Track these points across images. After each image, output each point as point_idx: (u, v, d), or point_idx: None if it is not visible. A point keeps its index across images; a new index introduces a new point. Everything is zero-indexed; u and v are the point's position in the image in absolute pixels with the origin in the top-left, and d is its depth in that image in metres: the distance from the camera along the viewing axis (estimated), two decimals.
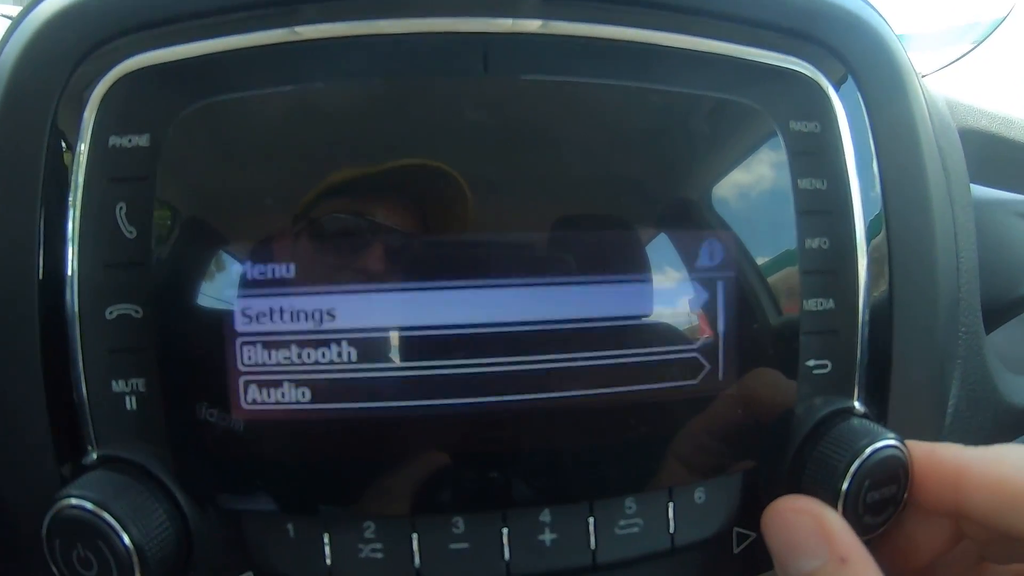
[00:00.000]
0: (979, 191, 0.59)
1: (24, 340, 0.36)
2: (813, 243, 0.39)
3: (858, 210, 0.40)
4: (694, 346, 0.37)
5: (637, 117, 0.39)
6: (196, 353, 0.35)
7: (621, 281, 0.37)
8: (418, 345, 0.35)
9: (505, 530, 0.38)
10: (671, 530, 0.38)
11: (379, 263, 0.35)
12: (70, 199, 0.35)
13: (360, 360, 0.34)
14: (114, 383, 0.36)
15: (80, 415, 0.35)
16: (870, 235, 0.40)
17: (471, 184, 0.35)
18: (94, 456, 0.36)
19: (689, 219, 0.39)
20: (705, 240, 0.38)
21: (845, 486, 0.35)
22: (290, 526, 0.36)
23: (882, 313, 0.40)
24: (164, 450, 0.36)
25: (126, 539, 0.32)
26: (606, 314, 0.37)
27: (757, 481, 0.39)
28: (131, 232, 0.36)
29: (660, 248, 0.38)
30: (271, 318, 0.34)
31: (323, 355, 0.35)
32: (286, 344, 0.34)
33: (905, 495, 0.37)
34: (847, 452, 0.36)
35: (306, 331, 0.34)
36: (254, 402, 0.35)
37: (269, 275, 0.34)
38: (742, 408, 0.38)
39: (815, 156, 0.40)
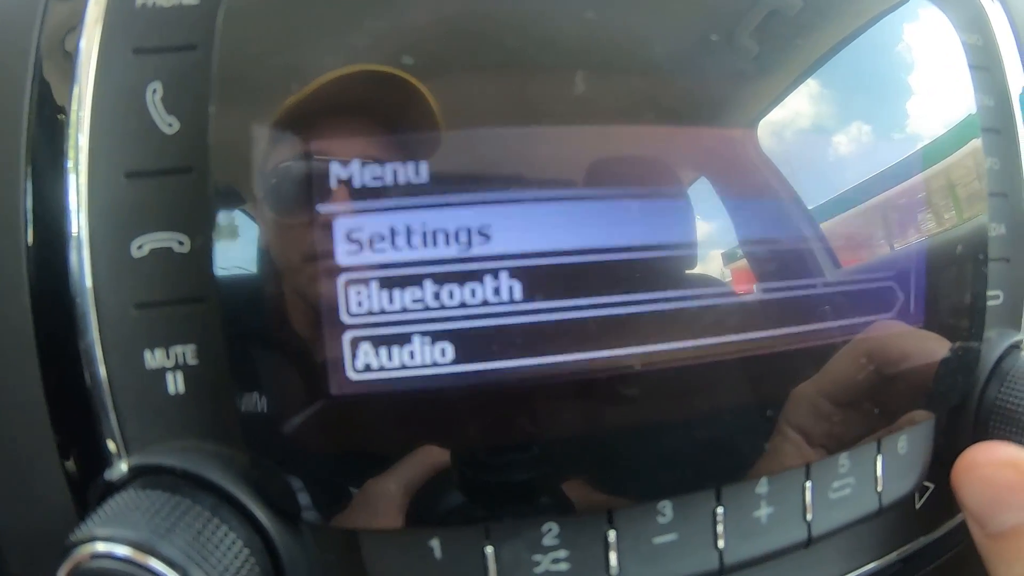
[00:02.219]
0: None
1: (8, 296, 0.23)
2: (987, 163, 0.35)
3: (1021, 130, 0.36)
4: (891, 273, 0.29)
5: None
6: (275, 302, 0.23)
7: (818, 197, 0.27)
8: (614, 274, 0.23)
9: (720, 510, 0.26)
10: (879, 488, 0.31)
11: (557, 162, 0.23)
12: (79, 74, 0.22)
13: (528, 298, 0.23)
14: (148, 355, 0.23)
15: (98, 406, 0.22)
16: None
17: None
18: (123, 468, 0.22)
19: (887, 133, 0.30)
20: (903, 154, 0.30)
21: None
22: (435, 543, 0.24)
23: None
24: (231, 450, 0.22)
25: None
26: (807, 234, 0.27)
27: (939, 426, 0.34)
28: (171, 125, 0.23)
29: (858, 160, 0.29)
30: (392, 242, 0.22)
31: (473, 294, 0.22)
32: (416, 280, 0.22)
33: None
34: None
35: (448, 259, 0.22)
36: (368, 368, 0.22)
37: (389, 179, 0.22)
38: (931, 345, 0.31)
39: (984, 71, 0.36)
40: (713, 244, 0.25)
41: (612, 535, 0.25)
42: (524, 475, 0.23)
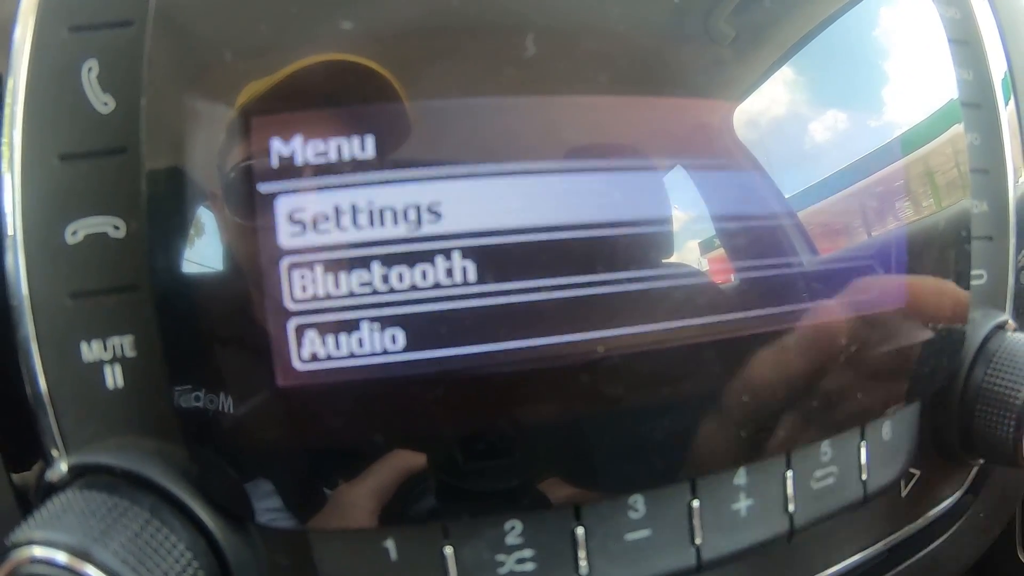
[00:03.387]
0: None
1: None
2: (968, 138, 0.33)
3: (1001, 105, 0.35)
4: (871, 252, 0.27)
5: None
6: (215, 288, 0.21)
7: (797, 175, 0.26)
8: (573, 254, 0.21)
9: (696, 503, 0.25)
10: (864, 476, 0.29)
11: (512, 135, 0.21)
12: (13, 53, 0.21)
13: (482, 280, 0.21)
14: (84, 347, 0.21)
15: (35, 403, 0.21)
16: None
17: None
18: (63, 468, 0.21)
19: (866, 118, 0.28)
20: (883, 138, 0.28)
21: None
22: (390, 544, 0.22)
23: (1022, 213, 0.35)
24: (173, 447, 0.21)
25: None
26: (783, 215, 0.25)
27: (923, 411, 0.32)
28: (106, 104, 0.22)
29: (838, 144, 0.27)
30: (337, 222, 0.20)
31: (423, 276, 0.21)
32: (363, 263, 0.21)
33: None
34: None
35: (396, 239, 0.21)
36: (314, 357, 0.20)
37: (333, 155, 0.21)
38: (916, 325, 0.29)
39: (963, 45, 0.34)
40: (680, 222, 0.23)
41: (580, 532, 0.23)
42: (483, 469, 0.21)
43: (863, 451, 0.29)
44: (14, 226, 0.21)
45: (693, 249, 0.24)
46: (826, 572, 0.30)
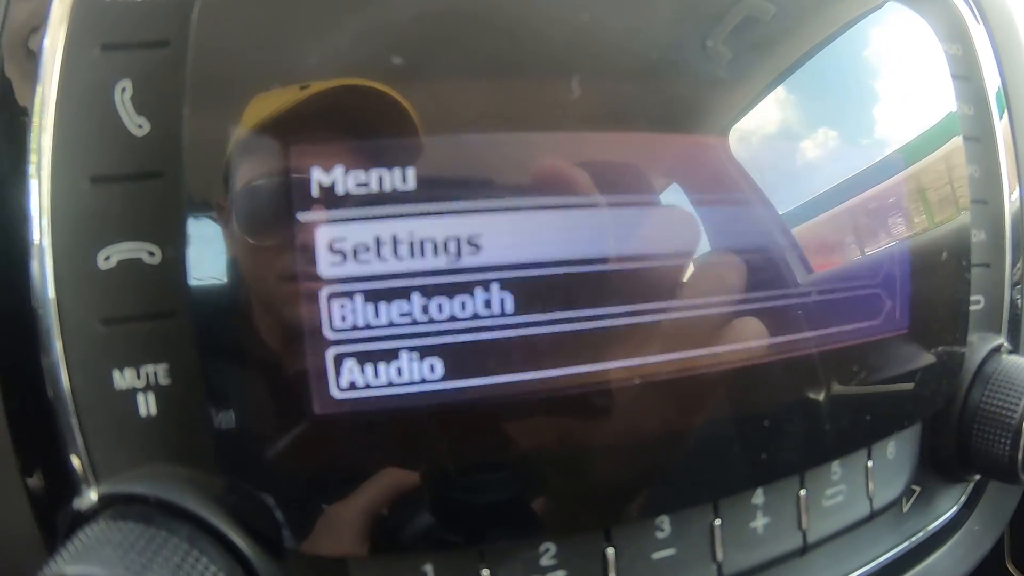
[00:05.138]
0: None
1: None
2: (968, 170, 0.33)
3: (999, 138, 0.35)
4: (877, 280, 0.27)
5: None
6: (253, 317, 0.20)
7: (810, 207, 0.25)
8: (610, 285, 0.21)
9: (718, 522, 0.24)
10: (870, 493, 0.29)
11: (552, 170, 0.21)
12: (42, 73, 0.20)
13: (520, 311, 0.20)
14: (116, 375, 0.20)
15: (64, 430, 0.20)
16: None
17: None
18: (93, 497, 0.20)
19: (865, 142, 0.28)
20: (884, 163, 0.28)
21: None
22: (429, 569, 0.21)
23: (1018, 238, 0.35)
24: (208, 476, 0.20)
25: None
26: (806, 246, 0.25)
27: (924, 430, 0.33)
28: (141, 127, 0.21)
29: (839, 169, 0.27)
30: (378, 253, 0.20)
31: (463, 307, 0.20)
32: (403, 293, 0.20)
33: None
34: (1022, 392, 0.31)
35: (436, 271, 0.20)
36: (353, 386, 0.19)
37: (374, 186, 0.20)
38: (918, 350, 0.29)
39: (964, 80, 0.34)
40: (706, 253, 0.23)
41: (611, 553, 0.23)
42: (520, 495, 0.21)
43: (870, 469, 0.29)
44: (43, 247, 0.20)
45: (716, 280, 0.23)
46: None
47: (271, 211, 0.20)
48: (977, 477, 0.36)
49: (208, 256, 0.19)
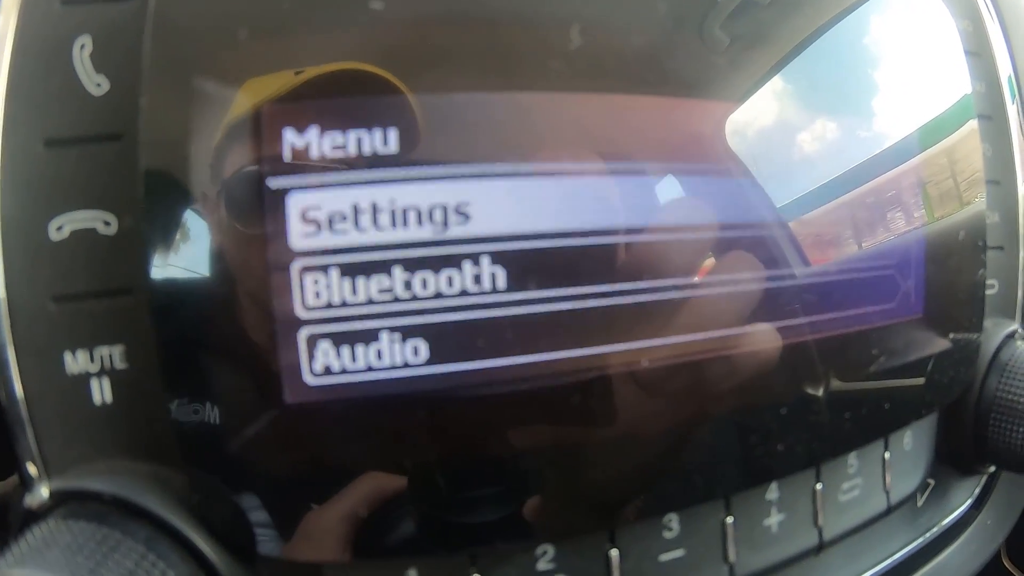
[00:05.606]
0: None
1: None
2: (981, 149, 0.31)
3: (1012, 115, 0.33)
4: (891, 262, 0.25)
5: None
6: (219, 293, 0.18)
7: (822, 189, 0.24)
8: (613, 259, 0.19)
9: (730, 520, 0.22)
10: (887, 486, 0.27)
11: (548, 133, 0.18)
12: None
13: (514, 287, 0.18)
14: (68, 358, 0.18)
15: (12, 420, 0.18)
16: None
17: None
18: (44, 493, 0.18)
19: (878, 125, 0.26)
20: (900, 143, 0.26)
21: None
22: (413, 574, 0.19)
23: None
24: (169, 471, 0.18)
25: None
26: (818, 227, 0.23)
27: (939, 420, 0.31)
28: (99, 85, 0.18)
29: (849, 152, 0.25)
30: (355, 222, 0.18)
31: (450, 282, 0.18)
32: (384, 267, 0.18)
33: None
34: None
35: (420, 242, 0.18)
36: (328, 371, 0.17)
37: (352, 148, 0.18)
38: (933, 336, 0.27)
39: (976, 56, 0.33)
40: (717, 230, 0.21)
41: (615, 555, 0.20)
42: (515, 493, 0.19)
43: (887, 461, 0.27)
44: None
45: (728, 260, 0.21)
46: None
47: (239, 176, 0.17)
48: (992, 469, 0.34)
49: (169, 227, 0.17)
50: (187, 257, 0.17)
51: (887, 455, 0.27)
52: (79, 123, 0.18)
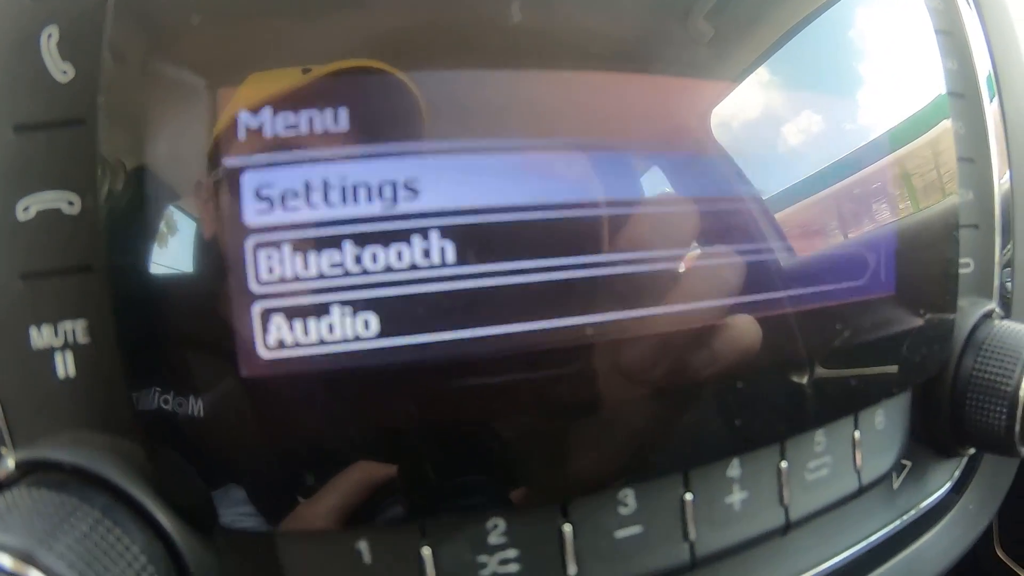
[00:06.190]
0: None
1: None
2: (953, 127, 0.31)
3: (985, 96, 0.33)
4: (861, 240, 0.25)
5: None
6: (174, 269, 0.18)
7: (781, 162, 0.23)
8: (560, 234, 0.19)
9: (689, 497, 0.22)
10: (857, 466, 0.27)
11: (497, 110, 0.19)
12: None
13: (462, 261, 0.18)
14: (34, 332, 0.18)
15: None
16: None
17: None
18: (9, 464, 0.18)
19: (849, 96, 0.26)
20: (866, 122, 0.26)
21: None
22: (363, 546, 0.19)
23: (1007, 207, 0.33)
24: (129, 442, 0.18)
25: None
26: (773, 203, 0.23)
27: (914, 401, 0.30)
28: (65, 72, 0.19)
29: (826, 133, 0.25)
30: (307, 199, 0.18)
31: (399, 257, 0.18)
32: (334, 242, 0.18)
33: None
34: (1017, 359, 0.29)
35: (370, 218, 0.18)
36: (281, 344, 0.18)
37: (304, 128, 0.18)
38: (905, 313, 0.27)
39: (947, 35, 0.32)
40: (671, 205, 0.21)
41: (568, 530, 0.20)
42: (463, 464, 0.19)
43: (857, 440, 0.26)
44: None
45: (684, 232, 0.21)
46: (820, 568, 0.28)
47: (194, 156, 0.18)
48: (971, 451, 0.33)
49: (126, 206, 0.18)
50: (145, 235, 0.18)
51: (857, 434, 0.26)
52: (46, 109, 0.19)
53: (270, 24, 0.18)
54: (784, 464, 0.24)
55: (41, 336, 0.18)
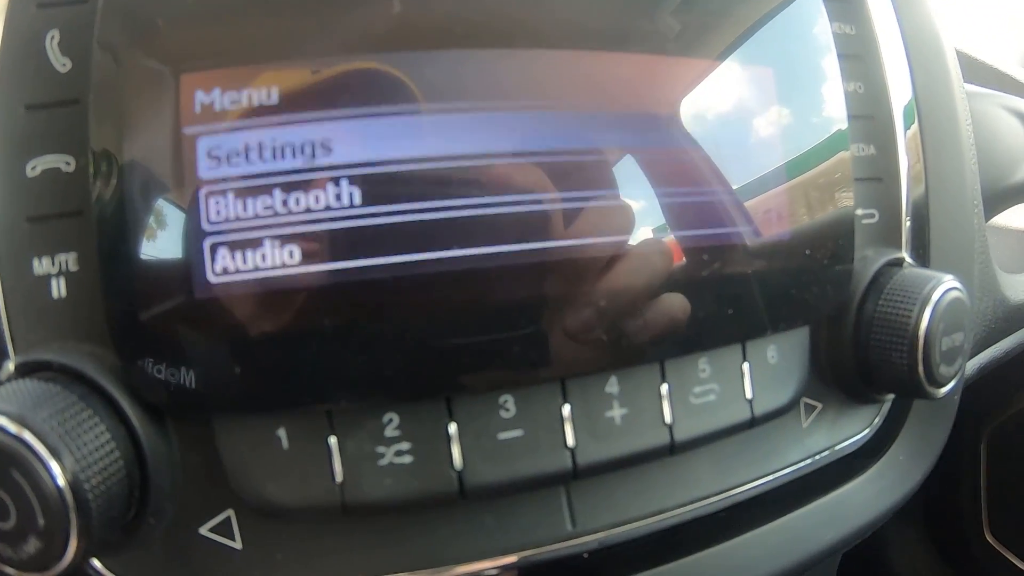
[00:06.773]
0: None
1: None
2: (849, 87, 0.33)
3: (885, 54, 0.34)
4: (755, 182, 0.27)
5: None
6: (145, 212, 0.23)
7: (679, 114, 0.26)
8: (443, 179, 0.23)
9: (567, 408, 0.25)
10: (749, 395, 0.29)
11: (389, 82, 0.23)
12: None
13: (366, 203, 0.22)
14: (36, 262, 0.23)
15: None
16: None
17: None
18: (10, 367, 0.23)
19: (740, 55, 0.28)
20: (755, 73, 0.28)
21: (924, 328, 0.30)
22: (282, 433, 0.23)
23: (917, 161, 0.35)
24: (105, 348, 0.23)
25: (55, 468, 0.20)
26: (664, 145, 0.26)
27: (818, 345, 0.32)
28: (65, 65, 0.24)
29: (716, 82, 0.27)
30: (246, 157, 0.22)
31: (317, 200, 0.22)
32: (267, 190, 0.22)
33: (968, 344, 0.32)
34: (916, 298, 0.30)
35: (294, 170, 0.22)
36: (225, 271, 0.22)
37: (245, 102, 0.22)
38: (802, 258, 0.29)
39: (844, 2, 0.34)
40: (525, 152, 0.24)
41: (453, 428, 0.24)
42: (362, 363, 0.23)
43: (746, 371, 0.28)
44: None
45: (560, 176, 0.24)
46: (721, 496, 0.30)
47: (161, 126, 0.22)
48: (887, 397, 0.34)
49: (109, 165, 0.22)
50: (123, 188, 0.22)
51: (745, 365, 0.28)
52: (50, 93, 0.24)
53: (223, 26, 0.23)
54: (665, 386, 0.27)
55: (41, 265, 0.23)
